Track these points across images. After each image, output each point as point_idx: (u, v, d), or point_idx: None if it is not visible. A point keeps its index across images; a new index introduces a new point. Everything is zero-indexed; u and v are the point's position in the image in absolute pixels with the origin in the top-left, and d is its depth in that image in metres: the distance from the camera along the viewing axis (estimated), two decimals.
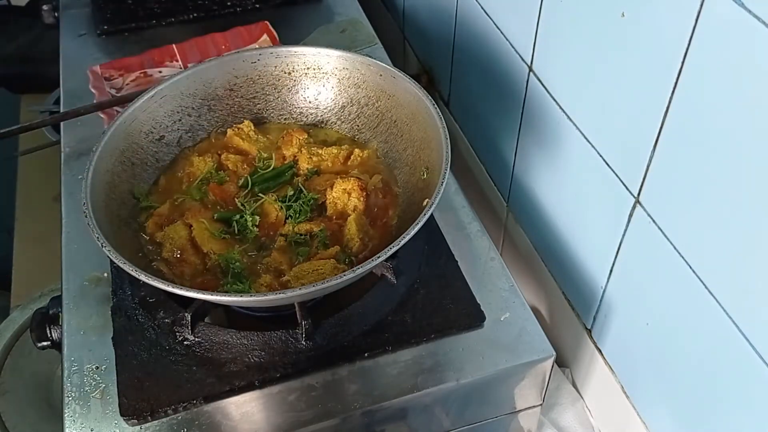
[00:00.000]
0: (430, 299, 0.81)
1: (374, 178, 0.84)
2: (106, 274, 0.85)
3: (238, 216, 0.81)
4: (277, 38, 1.16)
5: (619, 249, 0.77)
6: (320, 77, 0.92)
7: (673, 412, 0.75)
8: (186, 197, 0.84)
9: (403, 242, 0.67)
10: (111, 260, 0.68)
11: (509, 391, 0.81)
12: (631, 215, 0.74)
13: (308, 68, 0.92)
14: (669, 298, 0.71)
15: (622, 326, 0.81)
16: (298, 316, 0.75)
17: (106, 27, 1.24)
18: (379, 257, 0.67)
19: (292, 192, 0.84)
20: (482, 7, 0.97)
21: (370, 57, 0.89)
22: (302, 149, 0.88)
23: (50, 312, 0.86)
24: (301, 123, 0.94)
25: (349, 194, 0.81)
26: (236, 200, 0.84)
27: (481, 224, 0.90)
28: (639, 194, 0.71)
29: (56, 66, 1.20)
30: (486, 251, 0.87)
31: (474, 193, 1.12)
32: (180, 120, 0.90)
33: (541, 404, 0.85)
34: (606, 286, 0.82)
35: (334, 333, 0.77)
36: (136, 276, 0.66)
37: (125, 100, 0.98)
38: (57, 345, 0.84)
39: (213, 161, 0.87)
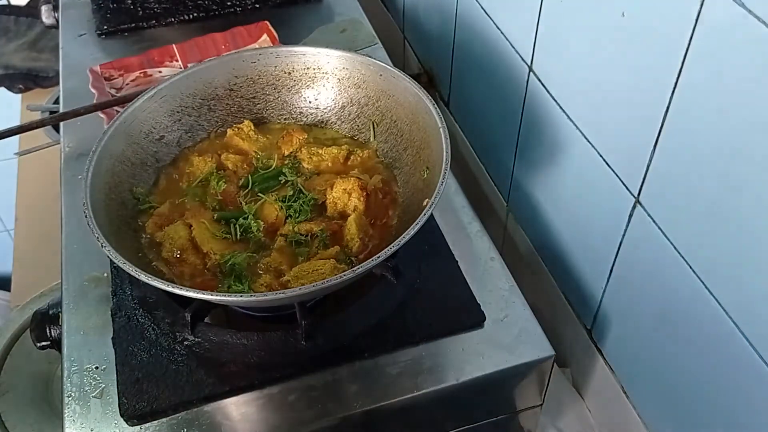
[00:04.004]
0: (430, 299, 0.81)
1: (374, 178, 0.84)
2: (106, 274, 0.85)
3: (241, 219, 0.81)
4: (277, 38, 1.16)
5: (619, 249, 0.77)
6: (320, 77, 0.92)
7: (673, 412, 0.75)
8: (186, 197, 0.84)
9: (403, 242, 0.67)
10: (111, 260, 0.68)
11: (509, 391, 0.81)
12: (631, 215, 0.74)
13: (308, 68, 0.92)
14: (669, 298, 0.71)
15: (622, 326, 0.81)
16: (298, 316, 0.75)
17: (106, 27, 1.24)
18: (379, 257, 0.67)
19: (292, 192, 0.84)
20: (482, 7, 0.97)
21: (370, 57, 0.89)
22: (302, 149, 0.88)
23: (50, 312, 0.86)
24: (301, 123, 0.94)
25: (349, 194, 0.81)
26: (240, 200, 0.83)
27: (481, 224, 0.90)
28: (639, 194, 0.71)
29: (56, 66, 1.20)
30: (486, 251, 0.87)
31: (474, 193, 1.12)
32: (180, 120, 0.90)
33: (541, 404, 0.85)
34: (606, 286, 0.82)
35: (334, 333, 0.77)
36: (136, 276, 0.66)
37: (125, 100, 0.98)
38: (57, 345, 0.84)
39: (213, 161, 0.87)
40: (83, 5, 1.30)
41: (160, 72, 1.12)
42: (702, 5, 0.56)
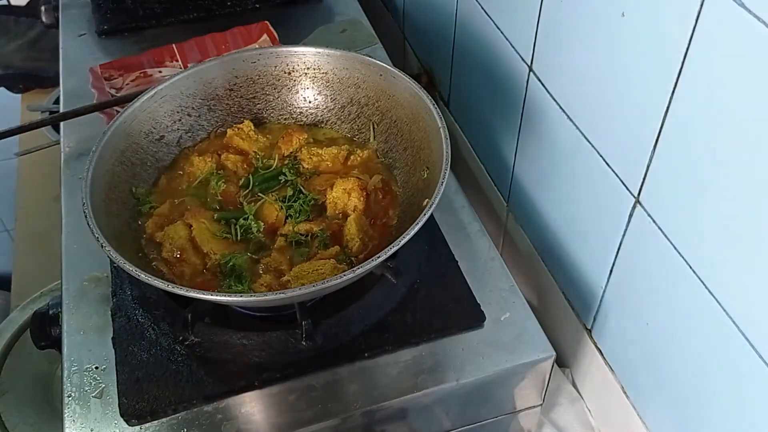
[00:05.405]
0: (430, 299, 0.81)
1: (374, 178, 0.84)
2: (106, 274, 0.85)
3: (241, 219, 0.81)
4: (277, 38, 1.16)
5: (619, 249, 0.77)
6: (320, 77, 0.92)
7: (673, 412, 0.75)
8: (186, 197, 0.84)
9: (403, 242, 0.67)
10: (111, 260, 0.68)
11: (509, 391, 0.81)
12: (631, 215, 0.74)
13: (308, 68, 0.92)
14: (669, 298, 0.71)
15: (622, 326, 0.81)
16: (298, 316, 0.75)
17: (106, 27, 1.24)
18: (379, 257, 0.67)
19: (292, 192, 0.84)
20: (482, 7, 0.97)
21: (370, 57, 0.89)
22: (302, 149, 0.88)
23: (50, 312, 0.86)
24: (301, 123, 0.94)
25: (349, 194, 0.81)
26: (240, 200, 0.83)
27: (481, 224, 0.90)
28: (639, 194, 0.71)
29: (56, 66, 1.20)
30: (486, 251, 0.87)
31: (474, 193, 1.12)
32: (180, 120, 0.90)
33: (541, 404, 0.85)
34: (606, 286, 0.82)
35: (334, 333, 0.77)
36: (136, 276, 0.66)
37: (125, 100, 0.98)
38: (57, 345, 0.84)
39: (213, 161, 0.87)
40: (83, 5, 1.30)
41: (160, 72, 1.12)
42: (702, 5, 0.56)
